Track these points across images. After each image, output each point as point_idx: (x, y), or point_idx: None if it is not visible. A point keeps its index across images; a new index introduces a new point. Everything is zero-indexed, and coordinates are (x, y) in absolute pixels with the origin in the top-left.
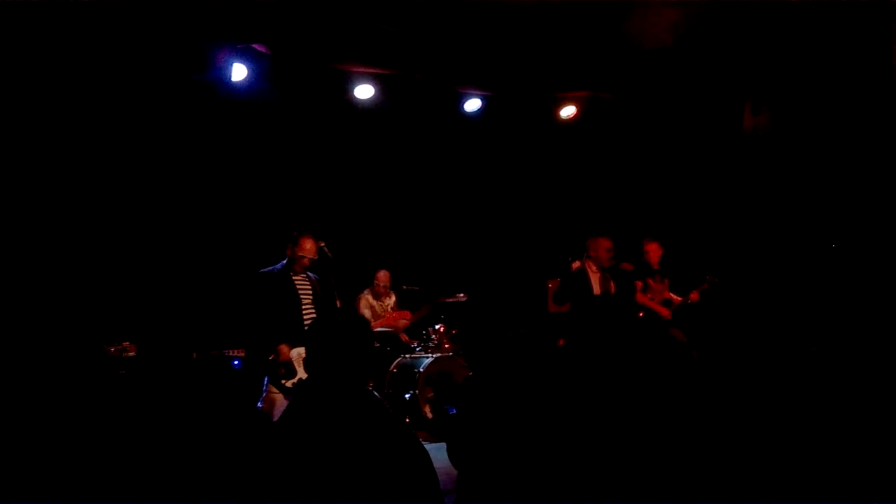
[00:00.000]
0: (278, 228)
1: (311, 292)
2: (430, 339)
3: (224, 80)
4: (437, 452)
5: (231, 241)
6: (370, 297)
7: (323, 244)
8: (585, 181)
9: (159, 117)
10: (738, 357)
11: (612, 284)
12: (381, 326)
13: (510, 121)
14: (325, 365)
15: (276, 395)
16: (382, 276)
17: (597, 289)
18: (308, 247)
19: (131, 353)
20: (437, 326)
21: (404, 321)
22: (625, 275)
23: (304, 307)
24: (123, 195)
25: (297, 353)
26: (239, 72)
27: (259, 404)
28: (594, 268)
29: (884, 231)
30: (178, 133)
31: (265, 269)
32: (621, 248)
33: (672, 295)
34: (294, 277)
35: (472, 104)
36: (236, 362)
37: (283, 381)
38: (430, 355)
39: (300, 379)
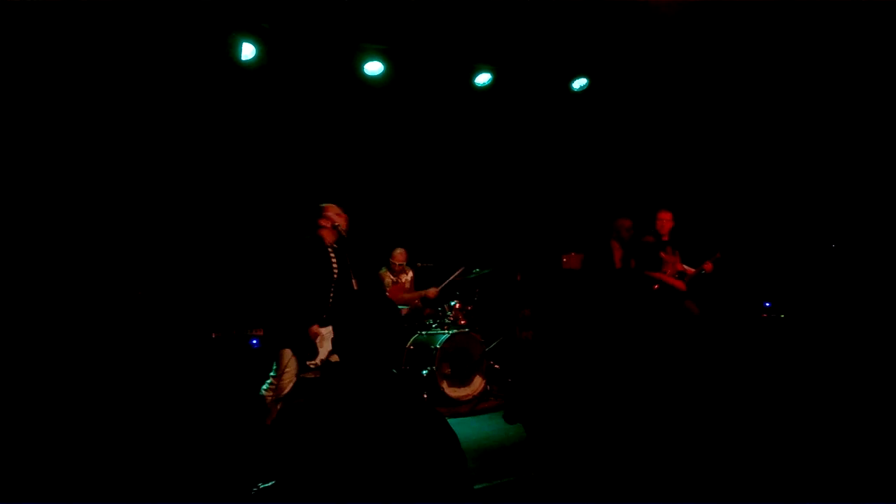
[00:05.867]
0: (294, 207)
1: (337, 267)
2: (446, 316)
3: (234, 59)
4: (459, 427)
5: (246, 222)
6: (389, 274)
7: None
8: (598, 153)
9: (171, 97)
10: (751, 327)
11: (633, 261)
12: (405, 303)
13: (522, 94)
14: (357, 347)
15: (287, 377)
16: (399, 254)
17: (618, 264)
18: (336, 212)
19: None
20: (453, 303)
21: (434, 289)
22: (647, 247)
23: (333, 281)
24: (138, 178)
25: (322, 332)
26: (248, 50)
27: (266, 385)
28: (618, 245)
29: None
30: (190, 114)
31: (306, 237)
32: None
33: (685, 266)
34: (330, 252)
35: (483, 77)
36: (255, 341)
37: (308, 362)
38: (446, 331)
39: (322, 360)
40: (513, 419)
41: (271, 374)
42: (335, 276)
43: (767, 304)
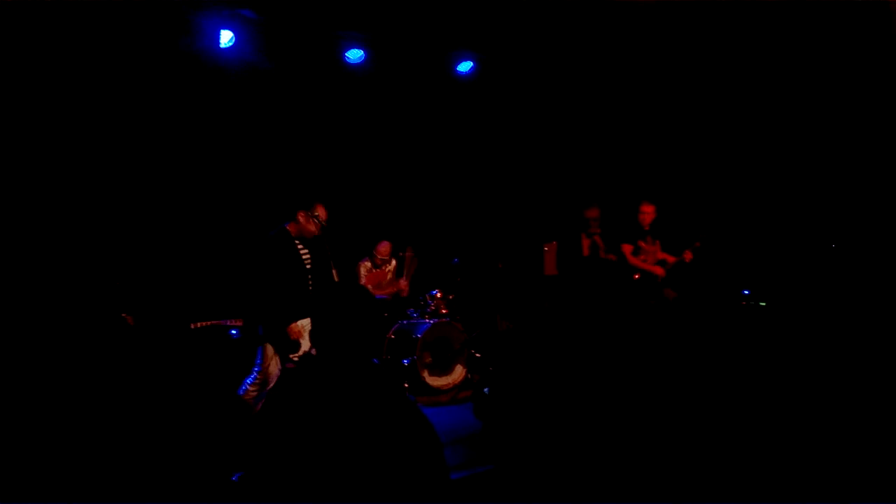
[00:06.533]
0: (272, 198)
1: (311, 259)
2: (427, 305)
3: (211, 47)
4: (439, 416)
5: (225, 212)
6: (369, 265)
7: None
8: (580, 142)
9: (145, 85)
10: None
11: (602, 247)
12: (382, 295)
13: (503, 82)
14: (331, 339)
15: (271, 370)
16: (383, 248)
17: (586, 250)
18: (324, 214)
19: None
20: (434, 292)
21: (404, 282)
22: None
23: (307, 274)
24: (112, 167)
25: (301, 325)
26: (226, 38)
27: (250, 379)
28: (585, 235)
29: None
30: (166, 102)
31: (272, 233)
32: (613, 209)
33: (666, 255)
34: (298, 244)
35: (465, 65)
36: (234, 332)
37: (290, 355)
38: (427, 321)
39: (305, 352)
40: (482, 415)
41: (255, 368)
42: (308, 268)
43: (746, 292)
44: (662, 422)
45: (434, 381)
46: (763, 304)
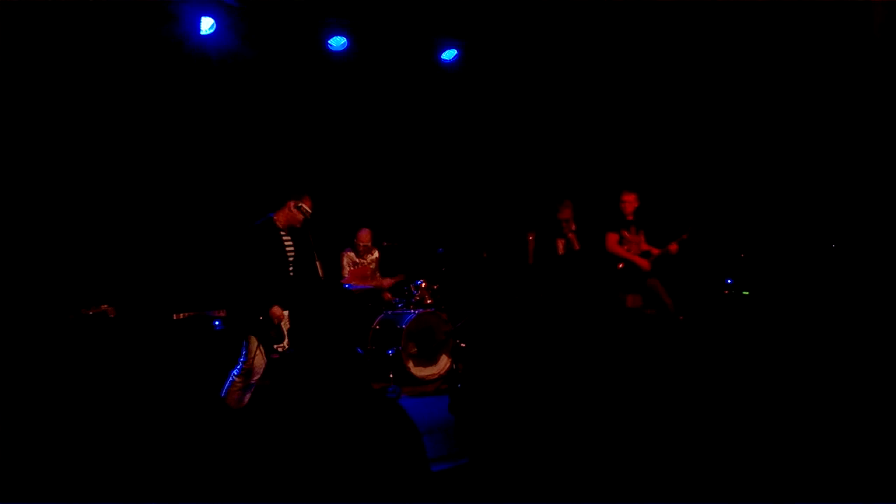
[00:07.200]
0: (254, 186)
1: (293, 250)
2: (412, 296)
3: (192, 35)
4: (424, 407)
5: (207, 201)
6: (353, 255)
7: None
8: (565, 131)
9: (126, 72)
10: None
11: (576, 243)
12: (366, 286)
13: (488, 70)
14: (309, 337)
15: (257, 362)
16: (364, 235)
17: (561, 250)
18: (309, 206)
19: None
20: (419, 282)
21: (389, 280)
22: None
23: (290, 265)
24: (93, 156)
25: (284, 312)
26: (207, 25)
27: (236, 371)
28: (559, 235)
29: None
30: (147, 90)
31: (258, 222)
32: (598, 198)
33: (650, 247)
34: (283, 234)
35: (449, 53)
36: (217, 323)
37: (275, 346)
38: (412, 311)
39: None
40: (455, 410)
41: (241, 359)
42: (290, 259)
43: (729, 281)
44: (635, 416)
45: (419, 372)
46: (746, 293)
